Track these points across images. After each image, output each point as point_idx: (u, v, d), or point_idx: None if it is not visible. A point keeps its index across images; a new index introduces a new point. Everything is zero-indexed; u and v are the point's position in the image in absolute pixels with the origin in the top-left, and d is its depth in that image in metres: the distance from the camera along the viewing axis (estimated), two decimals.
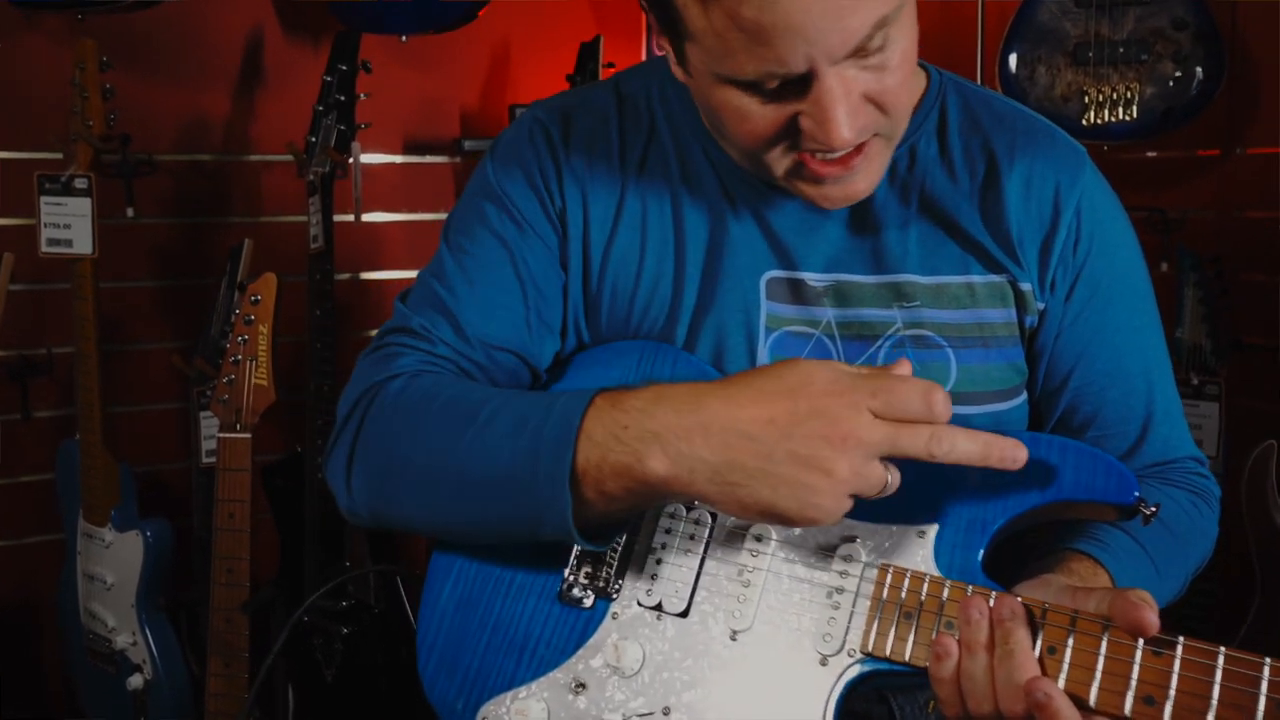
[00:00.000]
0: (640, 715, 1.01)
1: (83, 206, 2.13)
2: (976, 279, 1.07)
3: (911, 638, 0.93)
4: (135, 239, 2.56)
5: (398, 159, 2.85)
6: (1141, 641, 0.86)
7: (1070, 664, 0.87)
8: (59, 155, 2.27)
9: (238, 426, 1.99)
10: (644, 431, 0.90)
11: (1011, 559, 0.99)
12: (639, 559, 1.07)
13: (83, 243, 2.16)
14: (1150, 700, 0.84)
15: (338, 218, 2.30)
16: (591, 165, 1.11)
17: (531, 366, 1.13)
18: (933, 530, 0.98)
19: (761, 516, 0.90)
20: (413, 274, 1.24)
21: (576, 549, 1.09)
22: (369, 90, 2.30)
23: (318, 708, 2.30)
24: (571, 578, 1.08)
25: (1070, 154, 1.11)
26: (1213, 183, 2.65)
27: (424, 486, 1.03)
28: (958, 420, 1.07)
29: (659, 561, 1.06)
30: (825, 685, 0.96)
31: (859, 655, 0.95)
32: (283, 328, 2.09)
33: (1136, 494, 0.93)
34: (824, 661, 0.97)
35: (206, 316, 2.35)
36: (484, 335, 1.10)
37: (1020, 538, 1.04)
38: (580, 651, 1.05)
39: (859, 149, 0.96)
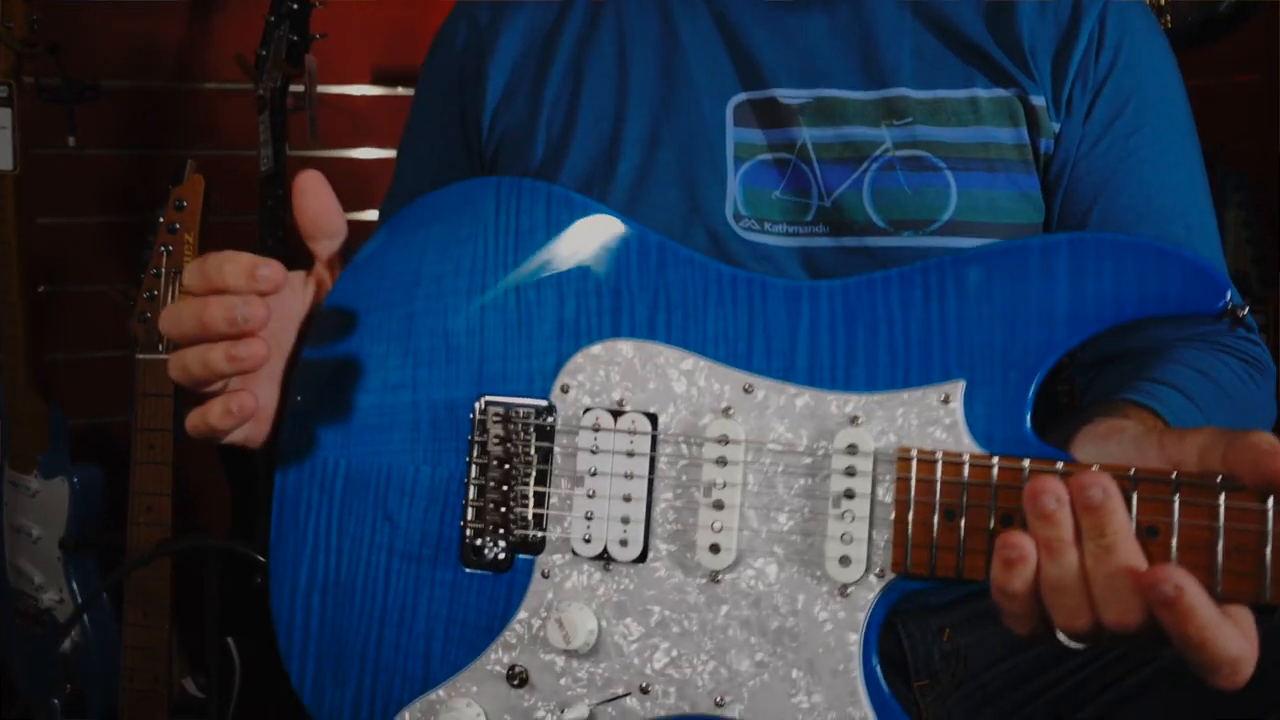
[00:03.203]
0: (609, 700, 0.75)
1: (2, 118, 1.90)
2: (981, 93, 0.91)
3: (961, 543, 0.69)
4: (78, 171, 2.29)
5: (369, 90, 2.51)
6: (1272, 502, 0.64)
7: (1179, 546, 0.65)
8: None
9: (160, 347, 1.75)
10: None
11: None
12: (561, 492, 0.78)
13: (3, 158, 1.91)
14: None
15: (299, 153, 2.10)
16: (519, 11, 1.02)
17: None
18: (959, 389, 0.72)
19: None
20: None
21: (470, 491, 0.79)
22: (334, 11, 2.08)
23: (276, 680, 2.02)
24: (471, 530, 0.79)
25: None
26: (1251, 111, 2.31)
27: None
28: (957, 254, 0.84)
29: (591, 494, 0.77)
30: (852, 622, 0.72)
31: (891, 577, 0.71)
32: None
33: (1228, 295, 0.69)
34: (844, 591, 0.72)
35: None
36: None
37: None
38: (509, 628, 0.78)
39: None
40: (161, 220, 1.77)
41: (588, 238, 0.80)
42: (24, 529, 2.03)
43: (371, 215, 2.57)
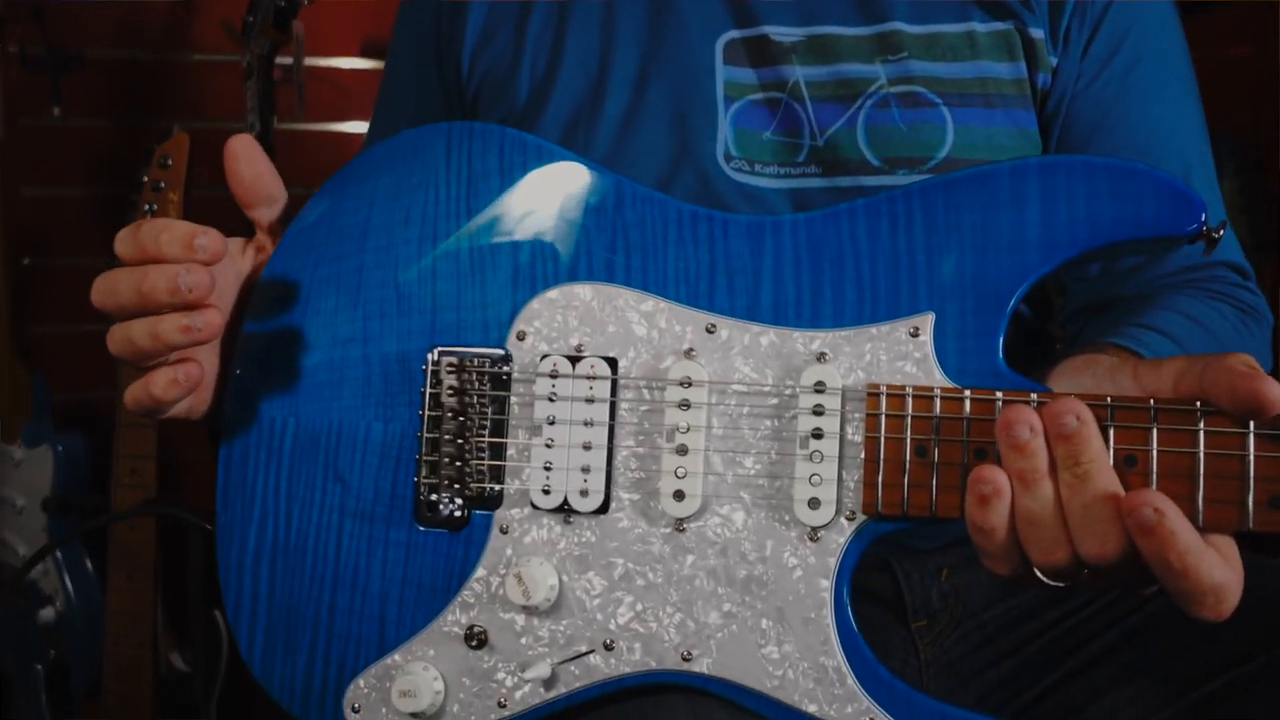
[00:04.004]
0: (572, 659, 0.72)
1: None
2: (978, 27, 0.88)
3: (934, 480, 0.66)
4: (63, 142, 2.23)
5: (357, 63, 2.44)
6: (1253, 427, 0.61)
7: (1159, 475, 0.62)
8: None
9: None
10: None
11: None
12: (519, 443, 0.75)
13: None
14: (1278, 502, 0.61)
15: (286, 126, 2.06)
16: None
17: None
18: (928, 321, 0.69)
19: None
20: None
21: (424, 445, 0.76)
22: None
23: None
24: (426, 486, 0.76)
25: None
26: (1247, 83, 2.27)
27: None
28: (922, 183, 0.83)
29: (550, 443, 0.74)
30: (823, 568, 0.69)
31: (862, 519, 0.68)
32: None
33: (1203, 216, 0.66)
34: (814, 536, 0.69)
35: None
36: None
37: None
38: (467, 587, 0.75)
39: None
40: (146, 179, 1.73)
41: (543, 181, 0.77)
42: (8, 499, 2.00)
43: None
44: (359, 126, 2.43)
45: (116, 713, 1.75)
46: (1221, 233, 0.67)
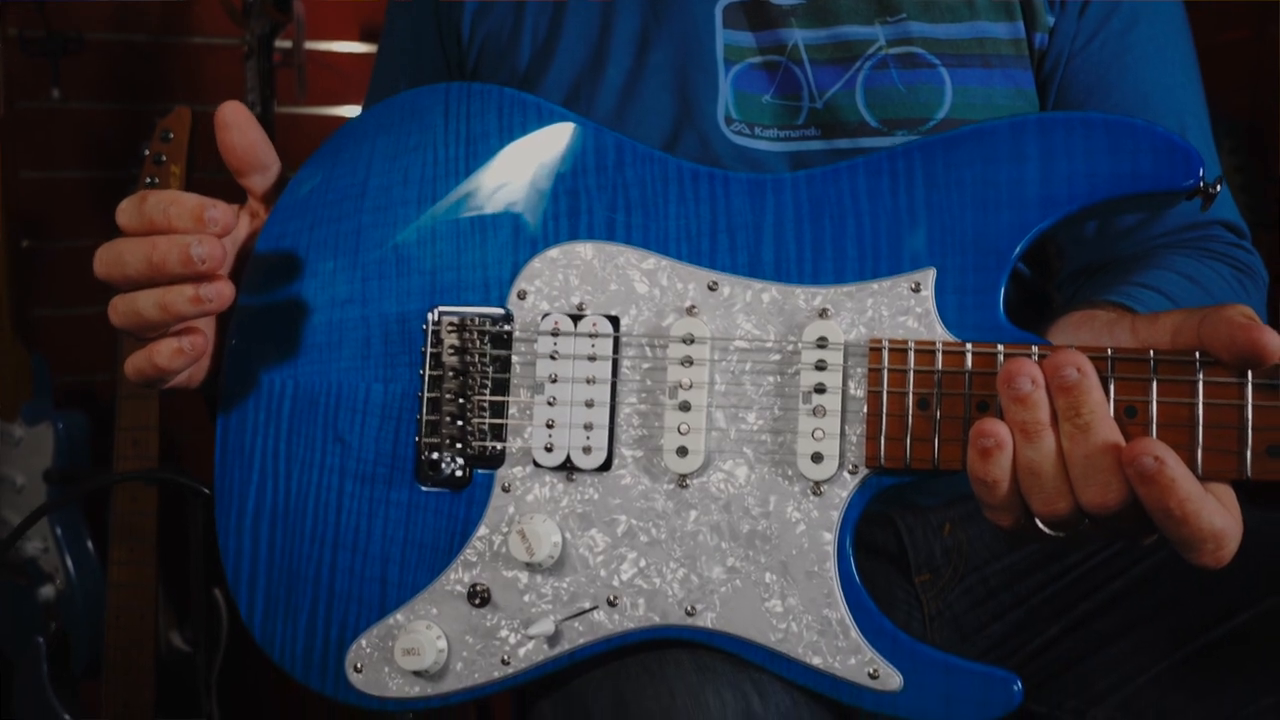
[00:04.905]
0: (576, 615, 0.72)
1: None
2: None
3: (936, 433, 0.67)
4: (62, 124, 2.24)
5: (357, 48, 2.43)
6: (1251, 377, 0.62)
7: (1159, 424, 0.63)
8: None
9: None
10: None
11: None
12: (521, 402, 0.75)
13: None
14: (1277, 450, 0.62)
15: (286, 109, 2.10)
16: None
17: None
18: (930, 276, 0.69)
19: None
20: None
21: (425, 405, 0.76)
22: None
23: None
24: (427, 446, 0.76)
25: None
26: (1244, 66, 2.26)
27: None
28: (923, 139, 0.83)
29: (552, 401, 0.74)
30: (826, 521, 0.69)
31: (865, 472, 0.69)
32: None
33: (1200, 170, 0.67)
34: (817, 490, 0.69)
35: None
36: None
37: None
38: (469, 546, 0.75)
39: None
40: (147, 153, 1.71)
41: (542, 140, 0.77)
42: (7, 478, 2.00)
43: None
44: (358, 110, 2.43)
45: (118, 686, 1.75)
46: (1219, 188, 0.68)
